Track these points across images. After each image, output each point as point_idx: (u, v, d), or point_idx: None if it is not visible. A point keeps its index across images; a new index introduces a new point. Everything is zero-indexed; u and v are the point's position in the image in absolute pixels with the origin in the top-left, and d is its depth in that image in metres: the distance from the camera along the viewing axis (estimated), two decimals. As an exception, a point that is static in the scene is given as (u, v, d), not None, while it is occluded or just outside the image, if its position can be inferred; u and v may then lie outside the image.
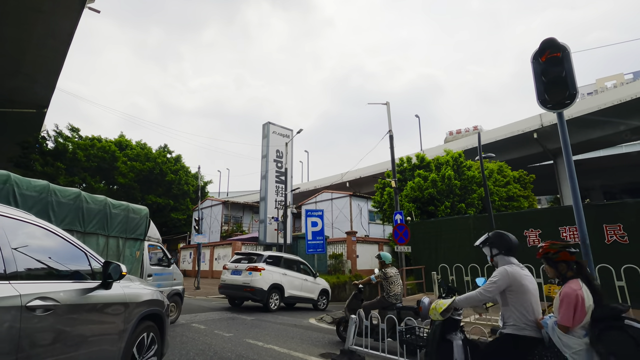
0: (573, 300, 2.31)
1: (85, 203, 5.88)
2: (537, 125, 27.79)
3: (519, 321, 2.58)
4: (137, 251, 6.74)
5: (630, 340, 2.00)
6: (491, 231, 3.18)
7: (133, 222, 6.76)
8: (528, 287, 2.65)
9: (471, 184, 14.27)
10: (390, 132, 13.20)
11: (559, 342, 2.32)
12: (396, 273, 5.74)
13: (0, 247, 1.97)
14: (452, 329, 2.95)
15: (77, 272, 2.59)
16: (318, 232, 17.82)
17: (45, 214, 5.16)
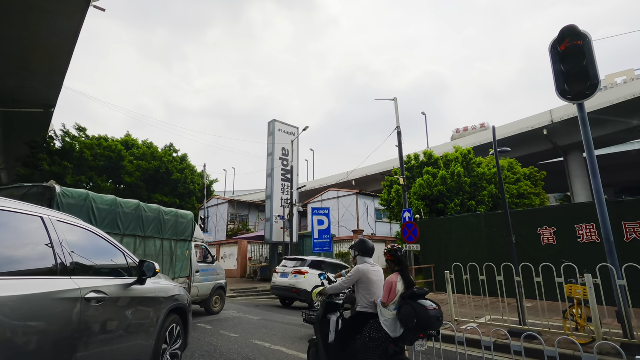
0: (389, 286, 3.23)
1: (143, 212, 6.99)
2: (547, 121, 27.28)
3: (364, 303, 3.48)
4: (186, 251, 7.82)
5: (411, 310, 3.00)
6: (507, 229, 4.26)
7: (182, 226, 7.82)
8: (372, 279, 3.51)
9: (481, 181, 13.93)
10: (398, 128, 12.94)
11: (380, 313, 3.25)
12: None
13: (62, 248, 2.34)
14: (332, 310, 3.79)
15: (118, 269, 3.00)
16: (324, 230, 17.65)
17: (114, 223, 6.26)
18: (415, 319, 2.99)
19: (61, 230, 2.42)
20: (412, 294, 3.15)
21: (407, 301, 3.10)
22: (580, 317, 5.03)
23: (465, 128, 59.76)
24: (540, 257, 9.07)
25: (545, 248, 9.47)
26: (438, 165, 15.71)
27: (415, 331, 3.07)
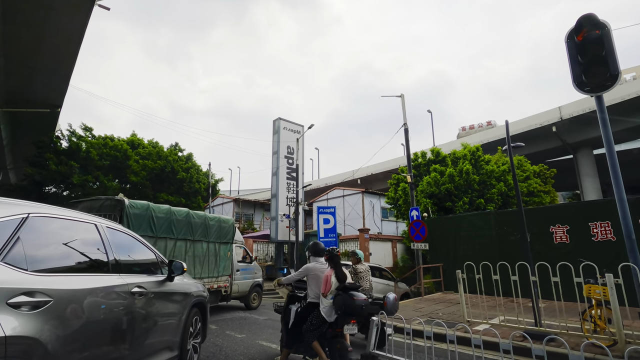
0: (325, 280, 3.95)
1: (192, 218, 7.98)
2: (556, 118, 26.83)
3: (312, 294, 4.19)
4: (228, 252, 8.95)
5: (341, 300, 3.70)
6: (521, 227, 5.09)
7: (224, 230, 8.91)
8: (319, 275, 4.16)
9: (490, 178, 13.66)
10: (405, 125, 12.74)
11: (320, 303, 3.97)
12: (366, 269, 5.90)
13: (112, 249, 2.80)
14: (294, 301, 4.59)
15: (151, 267, 3.44)
16: (330, 229, 17.47)
17: (169, 228, 7.35)
18: (343, 306, 3.70)
19: (109, 235, 2.89)
20: (344, 287, 3.86)
21: (339, 292, 3.82)
22: (599, 319, 4.82)
23: (472, 126, 59.14)
24: (553, 256, 8.83)
25: (557, 246, 9.22)
26: (445, 163, 15.47)
27: (344, 316, 3.77)
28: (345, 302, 3.68)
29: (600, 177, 28.21)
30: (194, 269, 7.79)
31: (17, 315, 1.73)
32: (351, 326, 3.83)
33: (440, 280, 11.20)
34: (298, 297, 4.60)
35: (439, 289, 11.24)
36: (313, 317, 4.01)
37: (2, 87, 22.44)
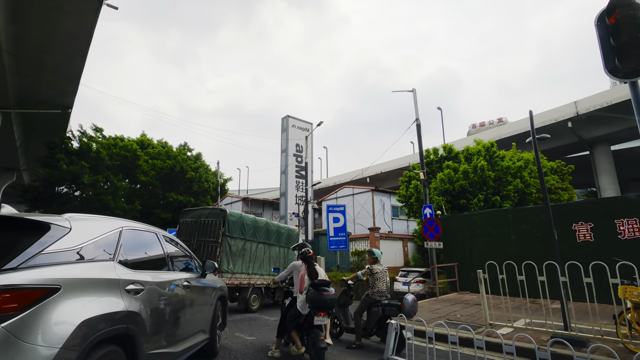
0: (300, 278, 4.55)
1: (269, 226, 9.76)
2: (571, 113, 26.06)
3: (295, 290, 4.70)
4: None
5: (310, 292, 4.27)
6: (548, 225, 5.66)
7: (291, 237, 10.58)
8: (301, 271, 4.68)
9: (506, 175, 13.18)
10: (417, 120, 12.38)
11: (297, 298, 4.52)
12: (383, 270, 5.60)
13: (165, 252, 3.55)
14: (287, 296, 5.18)
15: (190, 266, 4.17)
16: (340, 228, 17.18)
17: (254, 233, 9.07)
18: (311, 301, 4.23)
19: (166, 241, 3.71)
20: (314, 284, 4.37)
21: (309, 288, 4.36)
22: (638, 323, 4.45)
23: (482, 123, 58.05)
24: (576, 255, 8.39)
25: (581, 245, 8.79)
26: (458, 160, 15.03)
27: (314, 309, 4.26)
28: (313, 297, 4.22)
29: (618, 173, 27.30)
30: (270, 267, 9.44)
31: (129, 297, 2.54)
32: (321, 318, 4.27)
33: (455, 280, 10.83)
34: (291, 292, 5.10)
35: (453, 289, 10.87)
36: (292, 310, 4.61)
37: (13, 89, 22.70)
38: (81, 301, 2.12)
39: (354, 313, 5.50)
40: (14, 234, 2.19)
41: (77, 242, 2.37)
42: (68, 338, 1.90)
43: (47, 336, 1.83)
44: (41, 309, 1.85)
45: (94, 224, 2.75)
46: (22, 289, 1.81)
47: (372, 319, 5.27)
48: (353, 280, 5.83)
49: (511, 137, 25.73)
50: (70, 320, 1.97)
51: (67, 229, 2.37)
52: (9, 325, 1.70)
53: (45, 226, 2.24)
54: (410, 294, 5.04)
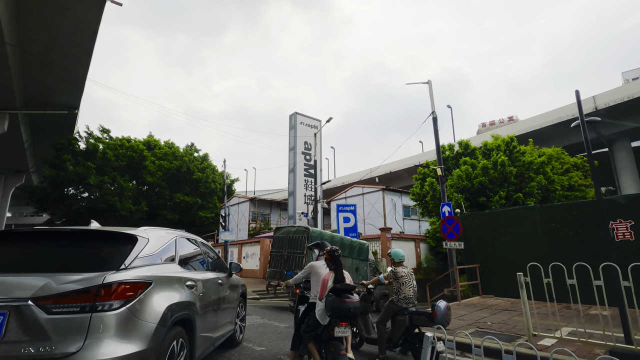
0: (322, 283, 4.02)
1: (343, 240, 10.64)
2: (590, 108, 25.05)
3: (313, 294, 4.30)
4: (365, 267, 11.20)
5: (330, 299, 3.73)
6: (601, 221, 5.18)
7: (362, 251, 11.27)
8: (321, 274, 4.22)
9: (528, 170, 12.40)
10: (433, 113, 11.70)
11: (316, 305, 4.02)
12: (408, 273, 4.82)
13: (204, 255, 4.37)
14: (302, 302, 4.63)
15: (220, 267, 4.79)
16: (351, 228, 16.54)
17: None
18: (331, 309, 3.66)
19: (205, 247, 4.52)
20: (334, 289, 3.78)
21: (330, 294, 3.77)
22: None
23: (492, 122, 56.91)
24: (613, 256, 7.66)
25: (620, 245, 7.99)
26: (475, 156, 14.30)
27: (334, 319, 3.72)
28: (334, 304, 3.66)
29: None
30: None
31: (188, 291, 3.20)
32: (342, 329, 3.75)
33: (477, 283, 10.11)
34: (306, 298, 4.57)
35: (476, 292, 10.15)
36: (309, 319, 4.07)
37: (20, 90, 22.52)
38: (164, 292, 2.84)
39: (376, 322, 4.84)
40: (114, 242, 2.88)
41: (154, 249, 3.08)
42: (160, 318, 2.62)
43: (148, 315, 2.56)
44: (144, 297, 2.56)
45: (160, 233, 3.45)
46: (134, 283, 2.53)
47: (398, 329, 4.61)
48: (374, 284, 5.19)
49: (528, 134, 24.82)
50: (160, 305, 2.70)
51: (147, 239, 3.05)
52: (130, 307, 2.44)
53: (134, 238, 2.93)
54: (442, 301, 4.38)
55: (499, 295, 9.61)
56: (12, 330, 2.18)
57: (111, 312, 2.36)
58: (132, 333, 2.42)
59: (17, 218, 55.29)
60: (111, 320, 2.34)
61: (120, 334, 2.36)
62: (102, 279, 2.39)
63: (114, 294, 2.40)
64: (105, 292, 2.37)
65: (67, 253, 2.77)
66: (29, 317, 2.20)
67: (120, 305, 2.40)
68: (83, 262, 2.67)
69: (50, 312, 2.23)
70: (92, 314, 2.29)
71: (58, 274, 2.40)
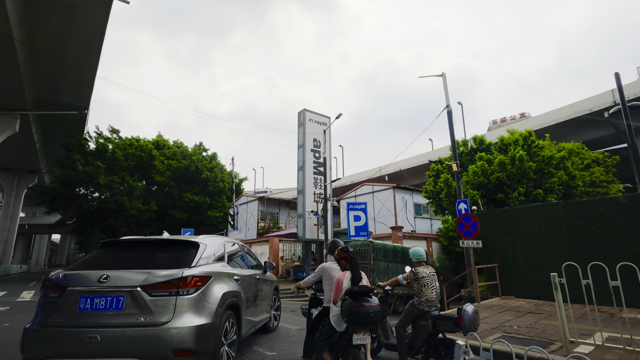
0: (337, 284, 3.67)
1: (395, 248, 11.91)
2: (608, 102, 24.15)
3: (327, 297, 4.02)
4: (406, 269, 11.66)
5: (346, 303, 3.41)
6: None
7: (405, 253, 11.69)
8: (334, 275, 3.92)
9: (548, 166, 11.87)
10: (448, 107, 11.25)
11: (331, 309, 3.67)
12: (430, 273, 4.37)
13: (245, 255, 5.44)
14: (315, 305, 4.50)
15: (256, 265, 5.78)
16: (362, 227, 16.11)
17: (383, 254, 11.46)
18: (348, 314, 3.35)
19: (243, 249, 5.51)
20: (351, 292, 3.50)
21: (346, 297, 3.48)
22: None
23: (503, 119, 55.76)
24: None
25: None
26: (491, 152, 13.78)
27: (352, 325, 3.42)
28: (351, 308, 3.35)
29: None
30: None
31: (235, 283, 4.22)
32: (361, 336, 3.45)
33: (497, 284, 9.65)
34: (320, 300, 4.33)
35: (495, 293, 9.69)
36: (324, 325, 3.78)
37: (30, 91, 22.63)
38: (220, 283, 3.84)
39: (395, 326, 4.47)
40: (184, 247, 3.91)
41: (211, 252, 4.07)
42: (219, 301, 3.65)
43: (211, 299, 3.58)
44: (207, 286, 3.57)
45: (213, 240, 4.47)
46: (201, 276, 3.54)
47: (420, 335, 4.23)
48: (392, 285, 4.81)
49: (542, 129, 24.08)
50: (219, 292, 3.71)
51: (205, 245, 4.04)
52: (200, 293, 3.46)
53: (197, 244, 3.94)
54: (470, 305, 3.99)
55: (520, 297, 9.15)
56: (129, 306, 3.22)
57: (188, 296, 3.38)
58: (202, 310, 3.43)
59: (30, 218, 56.18)
60: (188, 301, 3.36)
61: (195, 311, 3.37)
62: (181, 273, 3.43)
63: (189, 284, 3.42)
64: (183, 282, 3.38)
65: (156, 255, 3.82)
66: (139, 298, 3.24)
67: (194, 292, 3.43)
68: (167, 262, 3.64)
69: (151, 295, 3.27)
70: (177, 297, 3.32)
71: (153, 270, 3.42)
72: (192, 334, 3.20)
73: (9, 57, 18.32)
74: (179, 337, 3.15)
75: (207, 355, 3.37)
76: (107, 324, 3.14)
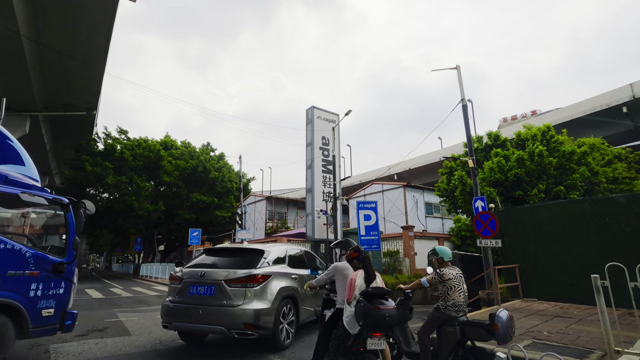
0: (349, 284, 3.57)
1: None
2: (627, 97, 23.39)
3: (340, 298, 3.86)
4: None
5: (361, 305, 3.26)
6: None
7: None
8: (347, 275, 3.79)
9: (569, 161, 11.31)
10: (463, 100, 10.80)
11: (344, 311, 3.58)
12: (457, 275, 3.93)
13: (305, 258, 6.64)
14: (328, 306, 4.34)
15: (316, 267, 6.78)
16: (372, 226, 15.73)
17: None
18: (363, 316, 3.19)
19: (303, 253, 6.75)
20: (365, 293, 3.35)
21: (360, 299, 3.34)
22: None
23: (514, 116, 54.82)
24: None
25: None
26: (506, 148, 13.26)
27: (366, 328, 3.24)
28: (365, 311, 3.21)
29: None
30: None
31: (293, 280, 5.65)
32: (376, 340, 3.26)
33: (517, 285, 9.16)
34: (333, 301, 4.20)
35: (516, 295, 9.20)
36: (338, 328, 3.63)
37: (39, 92, 22.71)
38: (278, 280, 5.28)
39: (417, 332, 4.09)
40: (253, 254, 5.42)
41: (274, 256, 5.57)
42: (277, 293, 5.09)
43: (270, 291, 5.03)
44: (267, 282, 5.02)
45: (277, 248, 5.98)
46: (263, 275, 5.00)
47: (447, 342, 3.82)
48: (413, 288, 4.42)
49: (559, 125, 23.36)
50: (276, 287, 5.15)
51: (269, 251, 5.54)
52: (262, 286, 4.93)
53: (263, 251, 5.46)
54: (503, 309, 3.58)
55: (543, 299, 8.65)
56: (217, 293, 4.81)
57: (253, 288, 4.83)
58: (263, 299, 4.85)
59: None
60: (254, 292, 4.82)
61: (258, 298, 4.82)
62: (249, 273, 4.91)
63: (254, 280, 4.87)
64: (250, 279, 4.85)
65: (236, 258, 5.38)
66: (223, 288, 4.80)
67: (257, 285, 4.87)
68: (242, 263, 5.15)
69: (230, 286, 4.81)
70: (246, 289, 4.80)
71: (232, 269, 5.00)
72: (255, 313, 4.68)
73: (18, 58, 18.36)
74: (247, 315, 4.65)
75: (267, 330, 4.81)
76: (205, 303, 4.83)
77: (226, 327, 4.60)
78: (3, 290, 3.69)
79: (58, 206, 4.58)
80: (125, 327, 6.99)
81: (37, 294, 4.01)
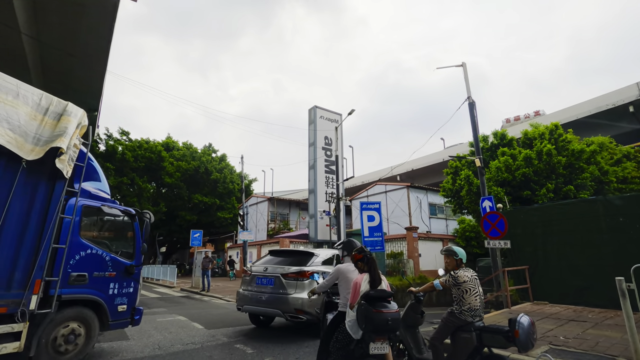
0: (354, 287, 3.42)
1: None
2: (633, 96, 23.12)
3: (342, 301, 3.75)
4: None
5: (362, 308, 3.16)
6: None
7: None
8: (351, 278, 3.65)
9: (578, 160, 11.05)
10: (469, 98, 10.56)
11: (347, 315, 3.43)
12: (472, 277, 3.67)
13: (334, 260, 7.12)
14: (330, 309, 4.27)
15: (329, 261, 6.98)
16: (376, 227, 15.46)
17: None
18: (365, 320, 3.11)
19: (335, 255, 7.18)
20: (367, 296, 3.23)
21: (362, 302, 3.22)
22: None
23: (517, 117, 54.36)
24: None
25: None
26: (513, 147, 13.00)
27: (368, 332, 3.14)
28: (367, 314, 3.10)
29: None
30: None
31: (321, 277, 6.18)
32: (379, 345, 3.14)
33: (527, 287, 8.90)
34: (335, 304, 4.11)
35: (526, 297, 8.94)
36: (339, 332, 3.54)
37: (41, 91, 22.66)
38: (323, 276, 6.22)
39: (430, 338, 3.85)
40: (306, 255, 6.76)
41: (322, 258, 6.74)
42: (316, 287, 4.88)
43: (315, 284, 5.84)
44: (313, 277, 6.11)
45: (325, 252, 7.08)
46: (309, 272, 6.14)
47: (462, 349, 3.57)
48: (425, 292, 4.17)
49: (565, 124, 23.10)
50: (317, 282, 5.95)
51: (318, 255, 6.77)
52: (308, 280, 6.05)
53: (313, 254, 6.76)
54: (524, 315, 3.34)
55: (555, 302, 8.39)
56: (275, 284, 6.10)
57: (303, 282, 5.97)
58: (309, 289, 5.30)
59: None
60: (303, 284, 5.95)
61: (306, 289, 5.80)
62: (300, 269, 6.11)
63: (303, 275, 6.03)
64: (300, 274, 6.03)
65: (292, 258, 6.62)
66: (280, 281, 6.05)
67: (306, 280, 5.98)
68: (296, 262, 6.40)
69: (285, 279, 6.03)
70: (297, 281, 5.99)
71: (287, 266, 6.27)
72: (302, 301, 5.72)
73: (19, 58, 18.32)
74: (297, 302, 5.74)
75: (313, 315, 5.78)
76: (267, 291, 6.10)
77: (282, 311, 5.78)
78: (91, 288, 4.45)
79: (127, 216, 5.24)
80: (123, 330, 6.79)
81: (115, 292, 4.74)
